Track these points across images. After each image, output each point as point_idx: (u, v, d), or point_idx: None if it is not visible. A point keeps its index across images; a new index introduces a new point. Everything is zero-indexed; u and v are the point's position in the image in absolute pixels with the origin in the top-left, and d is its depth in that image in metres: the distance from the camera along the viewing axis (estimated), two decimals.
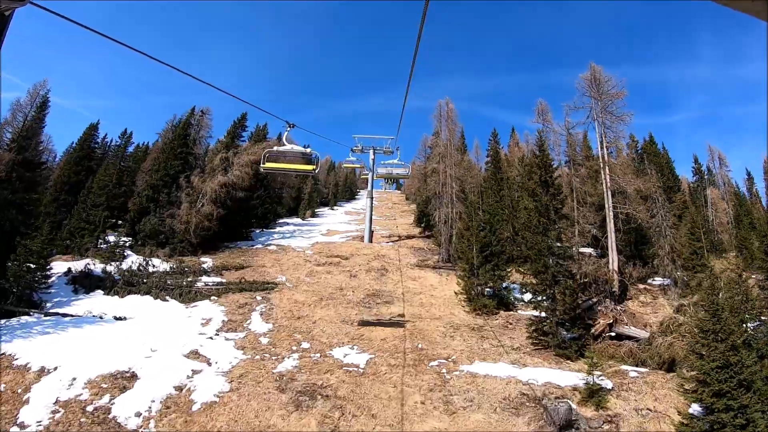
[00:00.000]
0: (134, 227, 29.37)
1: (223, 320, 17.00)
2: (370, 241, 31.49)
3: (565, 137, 32.60)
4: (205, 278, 23.28)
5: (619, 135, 24.75)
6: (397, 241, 33.14)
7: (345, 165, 33.06)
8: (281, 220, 44.67)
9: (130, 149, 44.95)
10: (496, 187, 35.25)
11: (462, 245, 19.10)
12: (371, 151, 33.60)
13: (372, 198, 33.12)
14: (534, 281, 15.52)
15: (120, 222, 32.43)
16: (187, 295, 20.54)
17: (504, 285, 19.50)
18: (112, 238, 29.35)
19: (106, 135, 46.42)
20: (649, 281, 28.19)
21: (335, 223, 44.80)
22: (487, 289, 19.41)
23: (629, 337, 17.31)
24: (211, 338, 15.37)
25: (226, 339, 15.18)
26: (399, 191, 78.98)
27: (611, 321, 17.07)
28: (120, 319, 18.21)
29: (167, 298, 20.60)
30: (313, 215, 50.23)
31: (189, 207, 28.70)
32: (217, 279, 22.97)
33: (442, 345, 14.69)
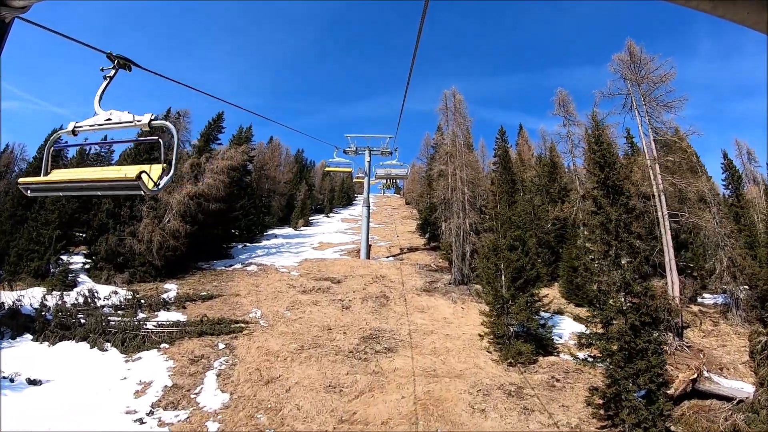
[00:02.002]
0: (90, 247, 24.96)
1: (166, 386, 12.44)
2: (368, 257, 26.94)
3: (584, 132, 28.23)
4: (162, 314, 18.72)
5: (666, 126, 20.23)
6: (398, 255, 28.58)
7: (328, 168, 28.49)
8: (270, 232, 40.10)
9: (115, 157, 40.73)
10: (509, 190, 30.79)
11: (488, 271, 14.48)
12: (367, 152, 28.95)
13: (369, 206, 28.53)
14: (599, 330, 10.93)
15: (89, 240, 27.90)
16: (132, 341, 15.97)
17: (541, 321, 14.87)
18: (67, 259, 24.89)
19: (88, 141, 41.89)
20: (699, 299, 23.81)
21: (330, 232, 40.32)
22: (513, 323, 14.74)
23: (715, 395, 12.80)
24: (140, 421, 10.83)
25: (160, 423, 10.63)
26: (398, 195, 74.36)
27: (695, 375, 12.52)
28: (34, 383, 13.65)
29: (107, 346, 16.03)
30: (307, 224, 45.72)
31: (152, 223, 24.15)
32: (177, 315, 18.39)
33: (471, 428, 10.14)
